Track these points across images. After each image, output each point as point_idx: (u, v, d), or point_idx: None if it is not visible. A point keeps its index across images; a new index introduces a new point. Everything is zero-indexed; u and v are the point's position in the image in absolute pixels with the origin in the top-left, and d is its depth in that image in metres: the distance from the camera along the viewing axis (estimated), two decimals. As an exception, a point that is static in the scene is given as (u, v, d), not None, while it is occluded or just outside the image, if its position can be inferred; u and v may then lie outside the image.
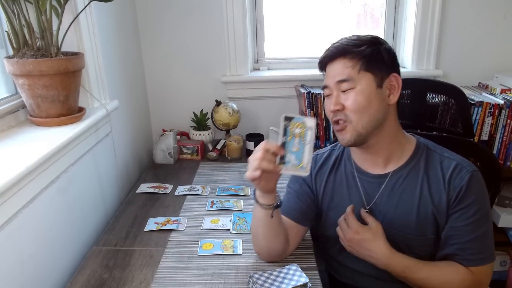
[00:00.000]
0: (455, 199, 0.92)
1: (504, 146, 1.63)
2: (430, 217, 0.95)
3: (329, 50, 0.99)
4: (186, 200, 1.43)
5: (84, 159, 1.25)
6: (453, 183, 0.93)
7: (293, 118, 0.86)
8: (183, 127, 1.93)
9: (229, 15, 1.82)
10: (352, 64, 0.94)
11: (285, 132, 0.86)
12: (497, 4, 1.83)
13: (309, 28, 2.05)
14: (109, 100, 1.42)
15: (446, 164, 0.95)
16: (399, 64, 1.00)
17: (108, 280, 1.03)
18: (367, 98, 0.93)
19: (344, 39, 0.99)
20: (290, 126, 0.86)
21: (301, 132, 0.86)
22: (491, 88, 1.77)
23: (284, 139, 0.87)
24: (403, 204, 0.98)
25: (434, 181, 0.96)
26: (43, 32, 1.10)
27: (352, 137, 0.95)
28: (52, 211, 1.07)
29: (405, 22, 1.94)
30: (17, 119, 1.19)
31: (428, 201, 0.95)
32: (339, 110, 0.95)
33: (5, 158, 0.94)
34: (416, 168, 0.98)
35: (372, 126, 0.95)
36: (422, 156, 0.99)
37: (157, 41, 1.89)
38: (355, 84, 0.93)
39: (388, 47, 0.98)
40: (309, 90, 1.78)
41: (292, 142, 0.87)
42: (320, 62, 1.01)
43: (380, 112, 0.94)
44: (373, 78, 0.94)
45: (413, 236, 0.97)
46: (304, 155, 0.86)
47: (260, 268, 1.05)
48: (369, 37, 0.98)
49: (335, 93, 0.96)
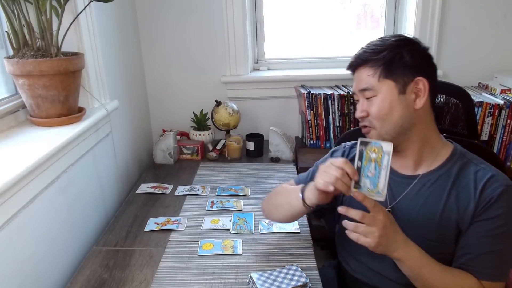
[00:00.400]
0: (482, 208, 0.89)
1: (504, 146, 1.63)
2: (452, 225, 0.93)
3: (354, 56, 0.99)
4: (186, 200, 1.43)
5: (84, 159, 1.25)
6: (484, 193, 0.90)
7: (370, 142, 0.86)
8: (183, 127, 1.93)
9: (229, 15, 1.82)
10: (372, 72, 0.94)
11: (361, 156, 0.86)
12: (497, 4, 1.83)
13: (309, 28, 2.05)
14: (109, 100, 1.42)
15: (481, 174, 0.92)
16: (432, 65, 0.96)
17: (108, 280, 1.03)
18: (388, 106, 0.92)
19: (369, 44, 0.98)
20: (366, 151, 0.86)
21: (377, 157, 0.85)
22: (491, 88, 1.77)
23: (359, 163, 0.87)
24: (426, 209, 0.95)
25: (464, 190, 0.93)
26: (43, 32, 1.10)
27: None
28: (52, 211, 1.07)
29: (405, 22, 1.94)
30: (17, 119, 1.19)
31: (453, 209, 0.92)
32: (364, 117, 0.97)
33: (5, 158, 0.94)
34: (447, 175, 0.95)
35: (396, 132, 0.94)
36: (456, 164, 0.96)
37: (157, 41, 1.89)
38: (377, 92, 0.93)
39: (416, 48, 0.95)
40: (309, 90, 1.78)
41: (368, 167, 0.86)
42: (348, 68, 1.02)
43: (403, 118, 0.93)
44: (394, 85, 0.92)
45: (432, 242, 0.94)
46: (380, 180, 0.85)
47: (260, 268, 1.05)
48: (394, 40, 0.95)
49: (360, 100, 0.98)
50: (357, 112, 0.98)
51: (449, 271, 0.92)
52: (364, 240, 0.86)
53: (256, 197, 1.44)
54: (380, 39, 0.97)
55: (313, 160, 1.70)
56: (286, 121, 2.00)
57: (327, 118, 1.78)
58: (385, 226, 0.85)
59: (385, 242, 0.86)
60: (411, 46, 0.94)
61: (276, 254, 1.12)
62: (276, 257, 1.11)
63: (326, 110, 1.77)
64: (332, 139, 1.81)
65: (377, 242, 0.85)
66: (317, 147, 1.83)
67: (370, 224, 0.85)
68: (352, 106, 1.76)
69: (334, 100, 1.75)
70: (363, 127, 0.99)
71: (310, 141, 1.83)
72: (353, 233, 0.88)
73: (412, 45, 0.95)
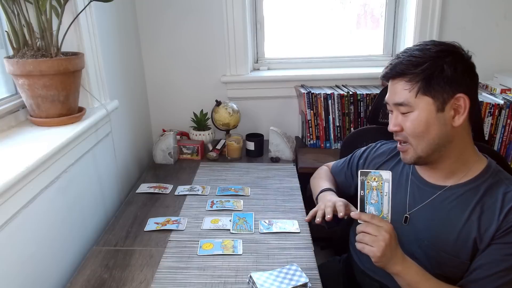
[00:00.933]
0: (503, 232, 0.86)
1: (504, 146, 1.63)
2: (470, 243, 0.89)
3: (389, 66, 0.93)
4: (186, 200, 1.43)
5: (84, 159, 1.25)
6: (509, 217, 0.86)
7: (369, 172, 0.91)
8: (183, 127, 1.93)
9: (229, 15, 1.82)
10: (409, 86, 0.89)
11: (363, 186, 0.91)
12: (497, 4, 1.83)
13: (309, 28, 2.05)
14: (109, 100, 1.42)
15: (510, 197, 0.88)
16: (474, 77, 0.91)
17: (108, 280, 1.03)
18: (425, 124, 0.89)
19: (408, 51, 0.92)
20: (367, 180, 0.90)
21: (378, 185, 0.90)
22: (491, 88, 1.77)
23: (362, 192, 0.91)
24: (447, 222, 0.93)
25: (488, 209, 0.89)
26: (43, 32, 1.10)
27: (412, 159, 0.95)
28: (52, 211, 1.07)
29: (405, 22, 1.94)
30: (17, 119, 1.19)
31: (474, 227, 0.89)
32: (398, 131, 0.95)
33: (5, 158, 0.94)
34: (474, 191, 0.92)
35: (432, 150, 0.92)
36: (486, 181, 0.92)
37: (157, 41, 1.89)
38: (413, 109, 0.90)
39: (458, 59, 0.89)
40: (309, 90, 1.78)
41: (371, 195, 0.91)
42: (382, 77, 0.97)
43: (440, 137, 0.90)
44: (433, 102, 0.88)
45: (446, 255, 0.92)
46: (383, 206, 0.90)
47: (260, 268, 1.05)
48: (435, 51, 0.88)
49: (394, 113, 0.95)
50: (391, 126, 0.96)
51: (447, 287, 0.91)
52: (369, 249, 0.88)
53: (256, 197, 1.43)
54: (419, 48, 0.91)
55: (313, 160, 1.72)
56: (286, 121, 2.00)
57: (327, 118, 1.78)
58: (390, 236, 0.87)
59: (389, 253, 0.87)
60: (453, 57, 0.88)
61: (276, 254, 1.12)
62: (276, 257, 1.11)
63: (326, 110, 1.77)
64: (332, 139, 1.81)
65: (382, 252, 0.86)
66: (317, 147, 1.83)
67: (375, 233, 0.87)
68: (352, 106, 1.76)
69: (334, 100, 1.75)
70: (398, 143, 0.98)
71: (310, 141, 1.83)
72: (359, 243, 0.90)
73: (454, 56, 0.89)
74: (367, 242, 0.88)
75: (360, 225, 0.90)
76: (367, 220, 0.89)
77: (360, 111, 1.76)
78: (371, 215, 0.89)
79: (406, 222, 1.01)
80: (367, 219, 0.89)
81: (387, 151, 1.15)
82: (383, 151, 1.16)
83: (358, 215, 0.91)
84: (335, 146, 1.81)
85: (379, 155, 1.16)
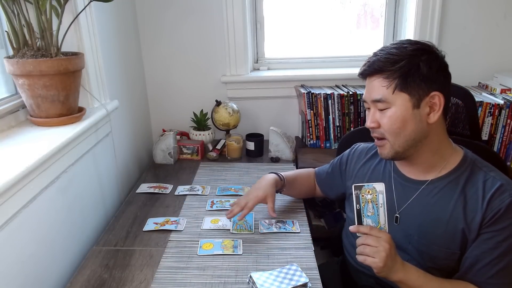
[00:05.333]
0: (489, 220, 0.88)
1: (504, 146, 1.63)
2: (458, 233, 0.92)
3: (367, 63, 0.95)
4: (186, 200, 1.43)
5: (84, 159, 1.25)
6: (492, 204, 0.88)
7: (363, 186, 0.92)
8: (183, 127, 1.93)
9: (229, 15, 1.82)
10: (387, 83, 0.91)
11: (358, 199, 0.92)
12: (497, 4, 1.83)
13: (309, 28, 2.05)
14: (109, 100, 1.42)
15: (490, 184, 0.91)
16: (447, 75, 0.94)
17: (108, 280, 1.03)
18: (401, 120, 0.91)
19: (385, 49, 0.93)
20: (361, 194, 0.92)
21: (372, 197, 0.91)
22: (491, 88, 1.77)
23: (358, 206, 0.92)
24: (434, 214, 0.95)
25: (471, 199, 0.92)
26: (43, 32, 1.10)
27: (389, 154, 0.97)
28: (52, 211, 1.07)
29: (405, 22, 1.94)
30: (17, 119, 1.19)
31: (459, 217, 0.92)
32: (375, 127, 0.96)
33: (5, 158, 0.94)
34: (455, 182, 0.95)
35: (409, 145, 0.94)
36: (465, 172, 0.95)
37: (157, 41, 1.89)
38: (390, 105, 0.92)
39: (434, 57, 0.91)
40: (309, 90, 1.78)
41: (367, 207, 0.92)
42: (360, 75, 0.99)
43: (416, 132, 0.92)
44: (409, 98, 0.90)
45: (437, 248, 0.95)
46: (380, 217, 0.91)
47: (260, 268, 1.05)
48: (412, 49, 0.91)
49: (372, 110, 0.97)
50: (368, 122, 0.97)
51: (449, 285, 0.92)
52: (372, 261, 0.89)
53: (256, 197, 1.43)
54: (395, 46, 0.93)
55: (313, 160, 1.72)
56: (286, 121, 2.00)
57: (327, 118, 1.78)
58: (390, 246, 0.88)
59: (390, 262, 0.88)
60: (428, 56, 0.91)
61: (276, 254, 1.12)
62: (276, 257, 1.11)
63: (326, 110, 1.77)
64: (332, 139, 1.80)
65: (384, 262, 0.87)
66: (317, 147, 1.83)
67: (375, 244, 0.88)
68: (352, 106, 1.76)
69: (334, 100, 1.75)
70: (375, 139, 0.99)
71: (310, 141, 1.83)
72: (360, 256, 0.90)
73: (429, 55, 0.91)
74: (368, 253, 0.89)
75: (360, 238, 0.91)
76: (366, 232, 0.90)
77: (360, 111, 1.76)
78: (369, 227, 0.90)
79: (397, 222, 1.02)
80: (366, 231, 0.90)
81: (364, 151, 1.17)
82: (360, 152, 1.18)
83: (357, 228, 0.92)
84: (335, 146, 1.81)
85: (357, 156, 1.18)
